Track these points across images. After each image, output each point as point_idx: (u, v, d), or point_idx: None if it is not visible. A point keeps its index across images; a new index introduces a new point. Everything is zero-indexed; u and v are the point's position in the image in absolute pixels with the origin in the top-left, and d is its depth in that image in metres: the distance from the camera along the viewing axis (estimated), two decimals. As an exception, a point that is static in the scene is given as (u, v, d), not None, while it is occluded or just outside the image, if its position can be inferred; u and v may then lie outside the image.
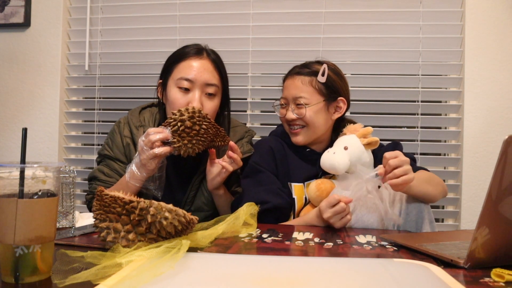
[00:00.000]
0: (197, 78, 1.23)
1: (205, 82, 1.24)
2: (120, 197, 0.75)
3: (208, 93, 1.25)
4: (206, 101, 1.25)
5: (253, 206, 1.05)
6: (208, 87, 1.25)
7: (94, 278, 0.60)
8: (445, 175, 1.75)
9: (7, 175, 0.61)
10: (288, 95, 1.31)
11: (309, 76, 1.30)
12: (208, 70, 1.26)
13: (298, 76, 1.31)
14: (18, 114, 1.93)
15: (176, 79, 1.24)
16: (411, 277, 0.65)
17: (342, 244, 0.89)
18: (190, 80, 1.23)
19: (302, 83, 1.29)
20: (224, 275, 0.64)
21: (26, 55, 1.92)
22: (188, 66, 1.25)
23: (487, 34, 1.67)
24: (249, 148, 1.36)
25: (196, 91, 1.23)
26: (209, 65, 1.27)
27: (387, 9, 1.74)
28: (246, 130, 1.44)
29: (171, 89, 1.25)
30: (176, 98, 1.23)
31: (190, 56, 1.27)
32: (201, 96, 1.24)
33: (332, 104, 1.31)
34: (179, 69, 1.25)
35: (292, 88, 1.30)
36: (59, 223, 1.02)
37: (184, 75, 1.23)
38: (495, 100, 1.67)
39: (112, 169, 1.30)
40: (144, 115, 1.37)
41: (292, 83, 1.31)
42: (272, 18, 1.80)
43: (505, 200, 0.67)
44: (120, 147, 1.31)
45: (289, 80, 1.33)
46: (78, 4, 1.93)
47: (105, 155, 1.33)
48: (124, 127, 1.33)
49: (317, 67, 1.30)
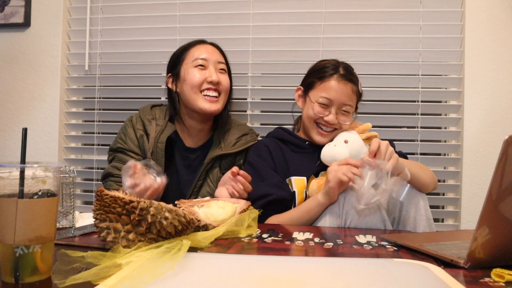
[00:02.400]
0: (209, 57, 1.40)
1: (217, 60, 1.41)
2: (120, 197, 0.75)
3: (220, 68, 1.42)
4: (221, 75, 1.40)
5: (254, 210, 1.07)
6: (219, 64, 1.41)
7: (94, 278, 0.60)
8: (445, 175, 1.75)
9: (7, 175, 0.61)
10: (336, 99, 1.28)
11: (356, 85, 1.32)
12: (215, 52, 1.43)
13: (350, 83, 1.30)
14: (18, 114, 1.93)
15: (192, 61, 1.39)
16: (411, 277, 0.65)
17: (342, 244, 0.89)
18: (204, 59, 1.39)
19: (352, 91, 1.31)
20: (224, 275, 0.64)
21: (26, 55, 1.92)
22: (200, 49, 1.41)
23: (487, 34, 1.67)
24: (253, 138, 1.47)
25: (211, 67, 1.39)
26: (214, 48, 1.44)
27: (387, 9, 1.74)
28: (250, 128, 1.54)
29: (188, 71, 1.38)
30: (195, 75, 1.37)
31: (196, 44, 1.43)
32: (216, 71, 1.39)
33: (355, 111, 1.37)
34: (192, 54, 1.40)
35: (343, 94, 1.29)
36: (59, 223, 1.02)
37: (198, 55, 1.39)
38: (495, 100, 1.67)
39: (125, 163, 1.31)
40: (155, 111, 1.47)
41: (344, 88, 1.29)
42: (272, 18, 1.80)
43: (505, 200, 0.67)
44: (134, 139, 1.39)
45: (339, 83, 1.28)
46: (78, 4, 1.93)
47: (117, 148, 1.39)
48: (136, 121, 1.42)
49: (356, 76, 1.34)
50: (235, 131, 1.47)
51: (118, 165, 1.35)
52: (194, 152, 1.45)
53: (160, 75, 1.89)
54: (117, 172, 1.34)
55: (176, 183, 1.41)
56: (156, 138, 1.37)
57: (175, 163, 1.43)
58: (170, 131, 1.39)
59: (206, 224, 0.95)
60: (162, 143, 1.36)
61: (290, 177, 1.30)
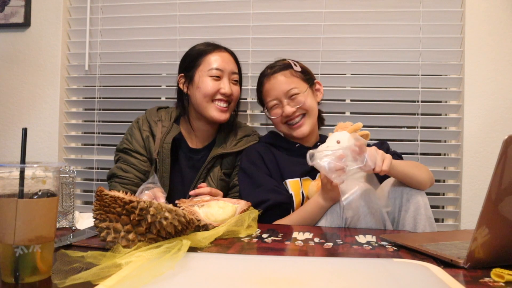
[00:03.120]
0: (225, 67, 1.41)
1: (231, 71, 1.43)
2: (120, 197, 0.75)
3: (234, 80, 1.44)
4: (233, 87, 1.43)
5: (254, 210, 1.07)
6: (233, 75, 1.44)
7: (94, 278, 0.60)
8: (445, 175, 1.75)
9: (7, 175, 0.61)
10: (279, 93, 1.34)
11: (287, 69, 1.36)
12: (231, 61, 1.45)
13: (278, 72, 1.36)
14: (18, 114, 1.93)
15: (207, 70, 1.40)
16: (411, 277, 0.65)
17: (342, 244, 0.89)
18: (220, 69, 1.40)
19: (286, 76, 1.35)
20: (224, 275, 0.64)
21: (26, 55, 1.92)
22: (216, 58, 1.42)
23: (487, 34, 1.67)
24: (253, 139, 1.49)
25: (225, 79, 1.41)
26: (230, 57, 1.46)
27: (387, 9, 1.74)
28: (253, 130, 1.56)
29: (202, 79, 1.40)
30: (209, 84, 1.39)
31: (214, 50, 1.43)
32: (229, 82, 1.42)
33: (313, 88, 1.39)
34: (208, 61, 1.41)
35: (279, 85, 1.34)
36: (59, 223, 1.02)
37: (214, 65, 1.40)
38: (495, 100, 1.67)
39: (129, 164, 1.39)
40: (161, 113, 1.50)
41: (275, 82, 1.35)
42: (272, 18, 1.80)
43: (505, 200, 0.67)
44: (140, 140, 1.42)
45: (270, 80, 1.37)
46: (78, 4, 1.93)
47: (123, 149, 1.42)
48: (143, 123, 1.46)
49: (283, 62, 1.39)
50: (238, 132, 1.51)
51: (123, 166, 1.39)
52: (198, 153, 1.47)
53: (160, 75, 1.89)
54: (121, 173, 1.38)
55: (180, 183, 1.43)
56: (162, 139, 1.41)
57: (180, 164, 1.45)
58: (176, 132, 1.44)
59: (206, 224, 0.95)
60: (168, 144, 1.40)
61: (285, 180, 1.30)
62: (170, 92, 1.62)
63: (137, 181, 1.38)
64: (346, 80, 1.80)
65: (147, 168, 1.40)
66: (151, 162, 1.40)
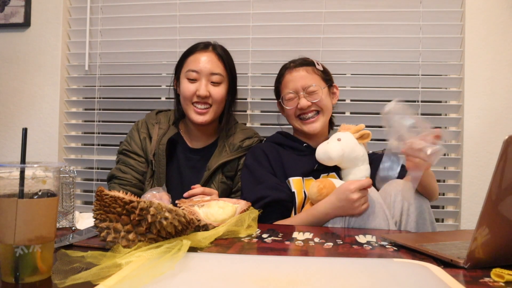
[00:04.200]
0: (202, 69, 1.40)
1: (210, 71, 1.40)
2: (120, 197, 0.75)
3: (213, 81, 1.41)
4: (212, 88, 1.41)
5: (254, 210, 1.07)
6: (213, 76, 1.41)
7: (94, 278, 0.60)
8: (445, 175, 1.75)
9: (7, 175, 0.61)
10: (297, 86, 1.35)
11: (310, 66, 1.38)
12: (212, 61, 1.41)
13: (301, 67, 1.37)
14: (18, 114, 1.93)
15: (185, 72, 1.41)
16: (411, 277, 0.65)
17: (342, 244, 0.89)
18: (196, 71, 1.39)
19: (308, 72, 1.36)
20: (224, 275, 0.64)
21: (26, 55, 1.92)
22: (195, 59, 1.41)
23: (487, 34, 1.67)
24: (254, 141, 1.49)
25: (203, 80, 1.39)
26: (214, 57, 1.42)
27: (387, 9, 1.74)
28: (255, 132, 1.56)
29: (182, 80, 1.43)
30: (186, 87, 1.40)
31: (198, 51, 1.43)
32: (207, 84, 1.40)
33: (331, 89, 1.41)
34: (188, 63, 1.42)
35: (299, 79, 1.35)
36: (59, 223, 1.02)
37: (191, 67, 1.40)
38: (495, 100, 1.67)
39: (128, 165, 1.42)
40: (160, 116, 1.53)
41: (297, 75, 1.36)
42: (272, 18, 1.80)
43: (505, 200, 0.67)
44: (138, 141, 1.45)
45: (292, 73, 1.38)
46: (78, 4, 1.93)
47: (122, 150, 1.46)
48: (142, 125, 1.49)
49: (308, 60, 1.40)
50: (239, 135, 1.50)
51: (122, 167, 1.42)
52: (198, 153, 1.48)
53: (160, 75, 1.89)
54: (120, 174, 1.41)
55: (179, 183, 1.44)
56: (158, 141, 1.43)
57: (179, 164, 1.46)
58: (172, 133, 1.45)
59: (206, 224, 0.95)
60: (163, 145, 1.41)
61: (289, 178, 1.30)
62: (170, 92, 1.62)
63: (135, 182, 1.40)
64: (346, 80, 1.80)
65: (145, 169, 1.41)
66: (148, 163, 1.41)
